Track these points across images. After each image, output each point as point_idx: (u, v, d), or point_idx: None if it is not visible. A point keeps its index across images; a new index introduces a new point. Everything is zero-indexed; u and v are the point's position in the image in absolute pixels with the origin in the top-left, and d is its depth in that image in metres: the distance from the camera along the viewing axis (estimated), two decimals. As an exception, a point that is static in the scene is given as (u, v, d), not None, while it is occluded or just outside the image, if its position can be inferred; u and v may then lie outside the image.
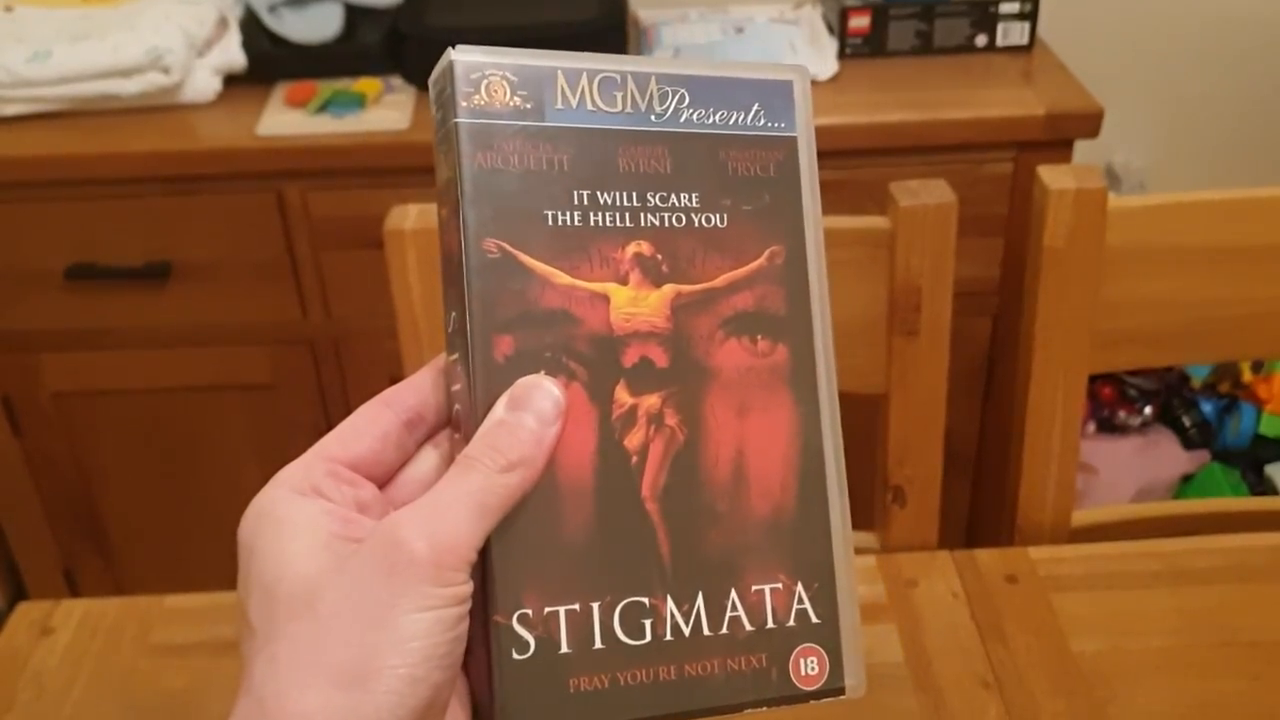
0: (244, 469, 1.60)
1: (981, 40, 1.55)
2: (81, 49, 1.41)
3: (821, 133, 1.73)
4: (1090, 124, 1.41)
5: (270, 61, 1.51)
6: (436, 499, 0.38)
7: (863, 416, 1.01)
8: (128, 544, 1.68)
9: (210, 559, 1.75)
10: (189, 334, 1.52)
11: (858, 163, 1.41)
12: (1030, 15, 1.54)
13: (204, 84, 1.46)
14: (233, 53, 1.50)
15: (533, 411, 0.39)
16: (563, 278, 0.41)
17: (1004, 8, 1.53)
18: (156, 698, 0.79)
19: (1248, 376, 1.77)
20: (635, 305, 0.41)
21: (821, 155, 0.44)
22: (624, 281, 0.41)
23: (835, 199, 1.44)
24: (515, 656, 0.38)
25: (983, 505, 1.65)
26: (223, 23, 1.54)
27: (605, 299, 0.41)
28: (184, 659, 0.81)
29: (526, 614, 0.38)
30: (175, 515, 1.65)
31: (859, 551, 0.93)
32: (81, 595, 1.70)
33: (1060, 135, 1.42)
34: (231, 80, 1.50)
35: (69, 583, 1.71)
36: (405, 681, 0.35)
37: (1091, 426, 1.77)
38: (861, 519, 0.99)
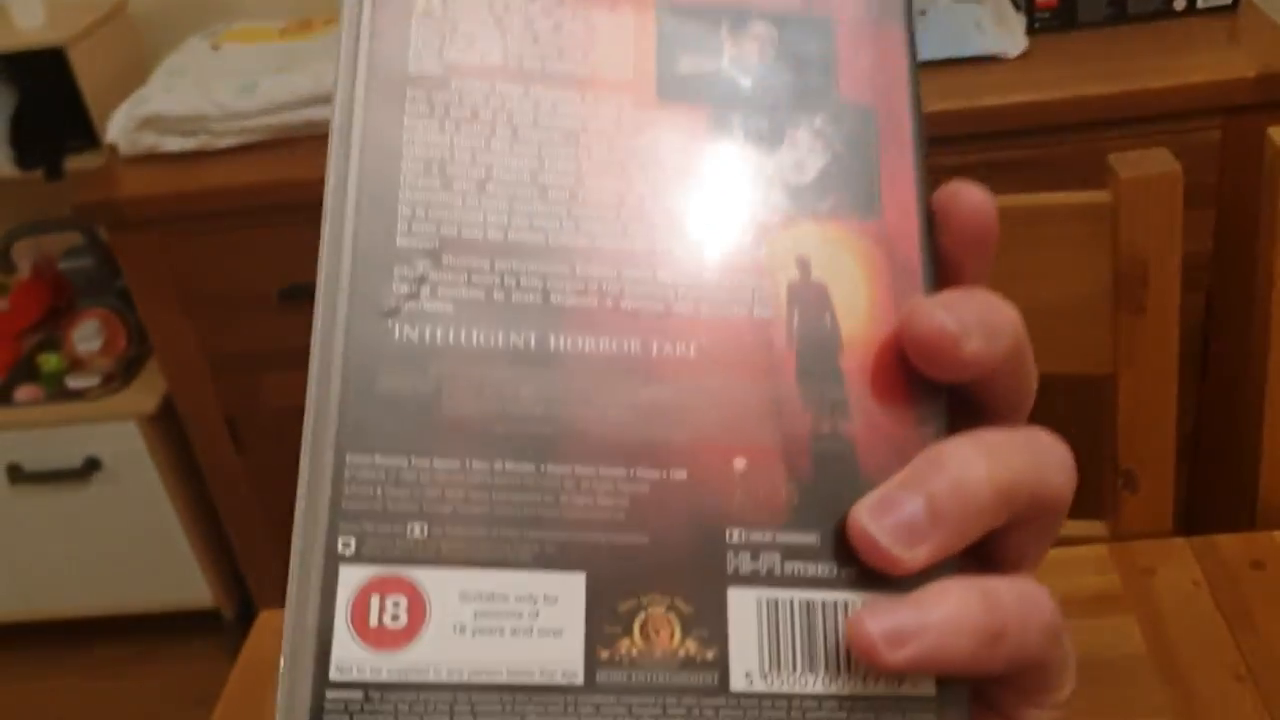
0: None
1: (1180, 3, 1.48)
2: (285, 80, 1.47)
3: (1015, 110, 1.66)
4: (1307, 83, 1.34)
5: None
6: None
7: (1087, 398, 0.98)
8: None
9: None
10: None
11: (1056, 140, 1.36)
12: (1233, -27, 1.47)
13: (398, 106, 1.51)
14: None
15: None
16: None
17: (1204, -33, 1.46)
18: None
19: None
20: None
21: (1018, 133, 0.42)
22: None
23: (1037, 176, 1.41)
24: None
25: (1201, 488, 1.58)
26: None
27: None
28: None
29: None
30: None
31: (1087, 541, 0.90)
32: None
33: (1273, 97, 1.34)
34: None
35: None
36: None
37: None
38: (1090, 505, 0.95)
